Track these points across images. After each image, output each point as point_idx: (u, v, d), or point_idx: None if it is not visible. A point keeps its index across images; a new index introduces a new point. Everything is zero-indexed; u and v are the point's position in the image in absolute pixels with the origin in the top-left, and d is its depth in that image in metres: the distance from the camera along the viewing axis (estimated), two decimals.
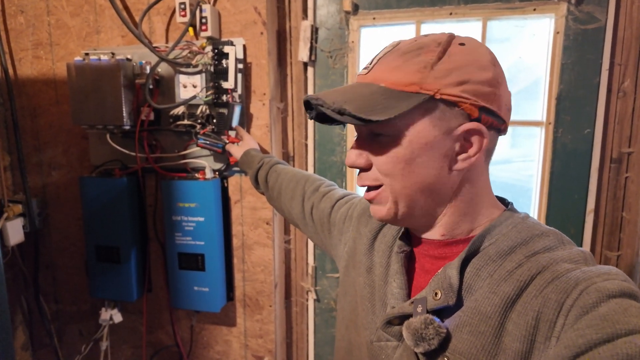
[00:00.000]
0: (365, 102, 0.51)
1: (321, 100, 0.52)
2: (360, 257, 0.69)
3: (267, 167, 1.08)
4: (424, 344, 0.50)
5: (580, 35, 1.08)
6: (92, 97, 1.24)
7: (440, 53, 0.51)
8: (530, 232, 0.52)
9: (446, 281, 0.52)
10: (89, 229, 1.34)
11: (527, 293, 0.47)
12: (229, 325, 1.39)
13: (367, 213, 0.74)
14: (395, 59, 0.53)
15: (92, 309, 1.51)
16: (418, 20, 1.17)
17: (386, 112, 0.50)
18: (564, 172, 1.14)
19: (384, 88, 0.52)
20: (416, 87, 0.50)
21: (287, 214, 1.02)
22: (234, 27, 1.22)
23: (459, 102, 0.50)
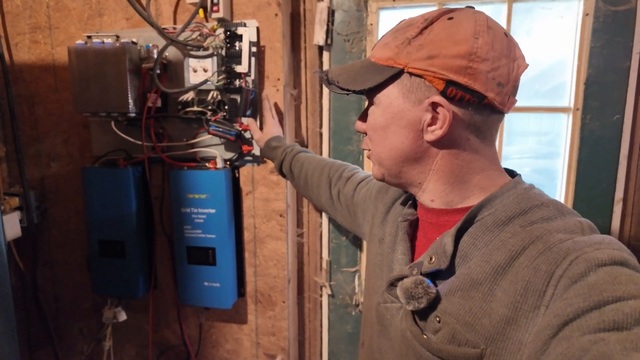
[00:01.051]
0: (353, 75, 0.58)
1: (324, 73, 0.61)
2: (375, 229, 0.74)
3: (289, 157, 1.07)
4: (413, 302, 0.54)
5: (610, 17, 1.04)
6: (95, 83, 1.17)
7: (421, 29, 0.54)
8: (530, 202, 0.53)
9: (441, 247, 0.55)
10: (92, 222, 1.27)
11: (519, 263, 0.48)
12: (239, 323, 1.33)
13: (383, 190, 0.78)
14: (389, 35, 0.57)
15: (94, 307, 1.44)
16: (440, 2, 1.12)
17: (363, 83, 0.56)
18: (592, 160, 1.11)
19: (371, 62, 0.58)
20: (391, 61, 0.55)
21: (316, 201, 1.05)
22: (247, 8, 1.16)
23: (423, 75, 0.53)
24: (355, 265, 1.30)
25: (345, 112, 1.23)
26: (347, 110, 1.23)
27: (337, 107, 1.24)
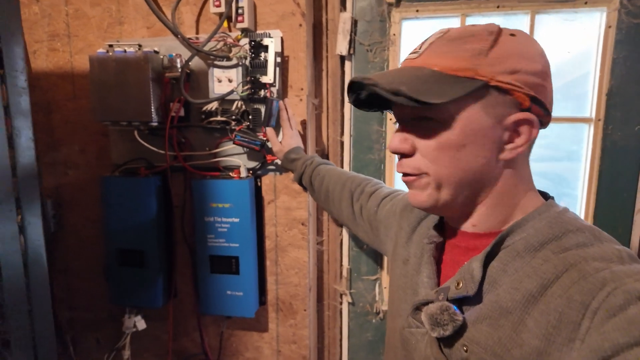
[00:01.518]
0: (420, 85, 0.50)
1: (374, 80, 0.52)
2: (399, 249, 0.71)
3: (309, 170, 1.07)
4: (438, 329, 0.52)
5: (633, 29, 1.06)
6: (116, 92, 1.16)
7: (492, 41, 0.51)
8: (564, 227, 0.51)
9: (469, 272, 0.53)
10: (111, 231, 1.26)
11: (552, 292, 0.46)
12: (260, 331, 1.33)
13: (408, 208, 0.76)
14: (445, 44, 0.53)
15: (110, 316, 1.43)
16: (463, 14, 1.13)
17: (442, 95, 0.49)
18: (613, 170, 1.12)
19: (436, 72, 0.51)
20: (471, 72, 0.50)
21: (337, 216, 1.03)
22: (270, 18, 1.16)
23: (512, 90, 0.50)
24: (376, 274, 1.31)
25: (367, 121, 1.24)
26: (368, 119, 1.24)
27: (359, 116, 1.24)
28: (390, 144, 0.57)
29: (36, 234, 0.69)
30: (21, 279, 0.66)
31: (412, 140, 0.55)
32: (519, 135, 0.52)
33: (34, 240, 0.68)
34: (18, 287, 0.66)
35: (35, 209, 0.68)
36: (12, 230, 0.64)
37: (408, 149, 0.55)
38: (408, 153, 0.56)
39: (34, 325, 0.69)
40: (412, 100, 0.49)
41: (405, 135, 0.56)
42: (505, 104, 0.51)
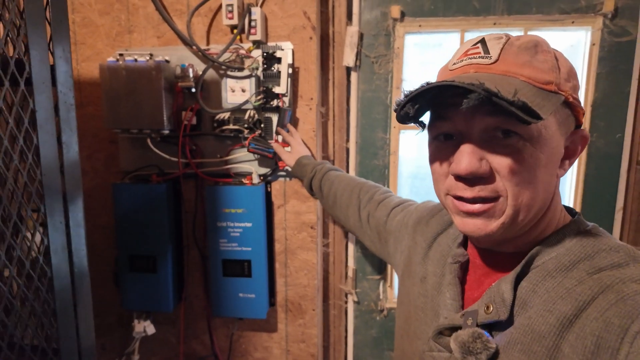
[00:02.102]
0: (525, 96, 0.44)
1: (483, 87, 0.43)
2: (415, 266, 0.67)
3: (319, 175, 1.09)
4: (471, 357, 0.48)
5: (615, 47, 1.17)
6: (127, 100, 1.19)
7: (554, 54, 0.50)
8: (597, 246, 0.48)
9: (499, 295, 0.50)
10: (123, 238, 1.28)
11: (587, 314, 0.44)
12: (269, 331, 1.37)
13: (423, 221, 0.72)
14: (520, 52, 0.48)
15: (118, 321, 1.44)
16: (462, 29, 1.22)
17: (542, 109, 0.43)
18: (597, 174, 1.23)
19: (526, 83, 0.47)
20: (554, 86, 0.47)
21: (344, 222, 1.04)
22: (282, 30, 1.21)
23: (577, 107, 0.50)
24: (381, 273, 1.38)
25: (372, 128, 1.31)
26: (373, 127, 1.31)
27: (364, 124, 1.31)
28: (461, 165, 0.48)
29: (81, 244, 0.71)
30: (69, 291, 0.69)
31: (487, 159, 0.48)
32: (575, 149, 0.52)
33: (80, 251, 0.71)
34: (67, 298, 0.69)
35: (79, 219, 0.71)
36: (62, 242, 0.67)
37: (487, 171, 0.48)
38: (486, 175, 0.48)
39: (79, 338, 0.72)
40: (528, 113, 0.43)
41: (480, 152, 0.48)
42: (570, 120, 0.50)
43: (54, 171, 0.64)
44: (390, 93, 1.27)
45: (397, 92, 1.27)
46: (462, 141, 0.49)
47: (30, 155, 0.62)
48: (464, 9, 1.20)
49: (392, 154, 1.30)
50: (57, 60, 0.63)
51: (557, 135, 0.49)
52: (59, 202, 0.65)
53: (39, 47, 0.61)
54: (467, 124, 0.49)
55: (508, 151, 0.47)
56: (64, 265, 0.67)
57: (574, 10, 1.16)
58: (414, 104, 0.50)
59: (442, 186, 0.53)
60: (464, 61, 0.51)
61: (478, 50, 0.50)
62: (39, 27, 0.62)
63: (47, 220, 0.63)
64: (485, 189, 0.48)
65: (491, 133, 0.48)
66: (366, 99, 1.29)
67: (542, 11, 1.17)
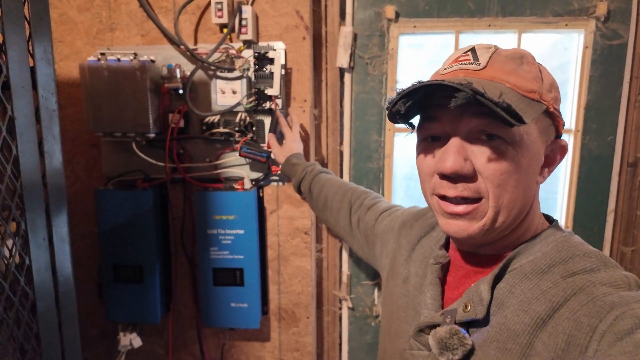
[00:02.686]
0: (510, 100, 0.46)
1: (467, 86, 0.45)
2: (398, 268, 0.69)
3: (310, 177, 1.06)
4: (447, 353, 0.50)
5: (606, 50, 1.17)
6: (110, 102, 1.12)
7: (539, 66, 0.53)
8: (571, 251, 0.51)
9: (477, 295, 0.52)
10: (106, 247, 1.21)
11: (560, 314, 0.46)
12: (262, 341, 1.33)
13: (407, 225, 0.74)
14: (507, 61, 0.51)
15: (102, 334, 1.37)
16: (457, 31, 1.20)
17: (525, 115, 0.46)
18: (590, 176, 1.24)
19: (511, 90, 0.49)
20: (537, 95, 0.50)
21: (333, 225, 1.02)
22: (273, 30, 1.17)
23: (558, 117, 0.52)
24: (375, 279, 1.35)
25: (366, 131, 1.28)
26: (367, 129, 1.28)
27: (358, 126, 1.28)
28: (446, 164, 0.50)
29: (65, 261, 0.66)
30: (53, 313, 0.64)
31: (471, 160, 0.50)
32: (554, 158, 0.55)
33: (65, 269, 0.66)
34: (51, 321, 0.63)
35: (64, 234, 0.66)
36: (45, 260, 0.62)
37: (471, 171, 0.50)
38: (470, 175, 0.50)
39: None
40: (512, 116, 0.45)
41: (464, 152, 0.50)
42: (550, 130, 0.53)
43: (35, 183, 0.58)
44: (385, 95, 1.25)
45: (391, 93, 1.24)
46: (448, 141, 0.52)
47: (9, 167, 0.56)
48: (458, 10, 1.19)
49: (386, 157, 1.28)
50: (37, 61, 0.57)
51: (538, 143, 0.51)
52: (41, 217, 0.60)
53: (17, 47, 0.55)
54: (454, 125, 0.51)
55: (491, 153, 0.49)
56: (47, 285, 0.62)
57: (567, 13, 1.16)
58: (406, 102, 0.51)
59: (428, 185, 0.55)
60: (454, 67, 0.53)
61: (468, 57, 0.53)
62: (16, 25, 0.56)
63: (29, 237, 0.58)
64: (468, 189, 0.50)
65: (476, 135, 0.50)
66: (360, 100, 1.26)
67: (535, 13, 1.17)
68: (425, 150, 0.55)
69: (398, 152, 1.29)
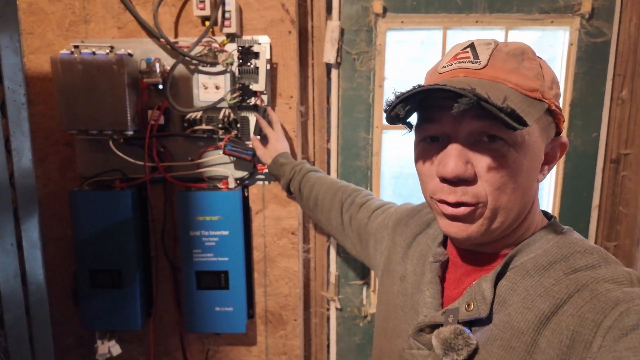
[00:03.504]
0: (512, 102, 0.45)
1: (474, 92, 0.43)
2: (394, 266, 0.69)
3: (299, 177, 1.04)
4: (452, 354, 0.50)
5: (591, 48, 1.18)
6: (85, 98, 1.06)
7: (539, 62, 0.51)
8: (572, 248, 0.51)
9: (480, 293, 0.51)
10: (82, 251, 1.14)
11: (564, 311, 0.46)
12: (248, 345, 1.29)
13: (402, 222, 0.73)
14: (508, 58, 0.49)
15: (78, 342, 1.30)
16: (445, 27, 1.19)
17: (528, 116, 0.45)
18: (575, 172, 1.25)
19: (513, 90, 0.48)
20: (538, 94, 0.48)
21: (325, 224, 1.01)
22: (258, 23, 1.13)
23: (559, 114, 0.51)
24: (364, 278, 1.33)
25: (354, 129, 1.26)
26: (355, 126, 1.25)
27: (346, 123, 1.25)
28: (447, 168, 0.49)
29: (37, 268, 0.61)
30: (23, 324, 0.59)
31: (471, 163, 0.49)
32: (554, 155, 0.54)
33: (36, 276, 0.60)
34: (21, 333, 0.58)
35: (34, 239, 0.61)
36: (14, 267, 0.56)
37: (472, 174, 0.49)
38: (471, 178, 0.49)
39: None
40: (515, 119, 0.44)
41: (466, 156, 0.49)
42: (551, 127, 0.52)
43: (2, 184, 0.53)
44: (373, 91, 1.22)
45: (379, 90, 1.22)
46: (449, 143, 0.50)
47: None
48: (446, 6, 1.17)
49: (374, 154, 1.25)
50: (3, 50, 0.52)
51: (539, 142, 0.50)
52: (9, 221, 0.55)
53: None
54: (454, 127, 0.50)
55: (492, 155, 0.48)
56: (16, 295, 0.56)
57: (553, 10, 1.16)
58: (405, 106, 0.50)
59: (428, 187, 0.54)
60: (453, 65, 0.52)
61: (467, 54, 0.51)
62: None
63: None
64: (467, 194, 0.49)
65: (477, 137, 0.49)
66: (347, 97, 1.24)
67: (522, 10, 1.17)
68: (424, 151, 0.54)
69: (386, 149, 1.27)
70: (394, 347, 0.62)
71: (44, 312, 0.60)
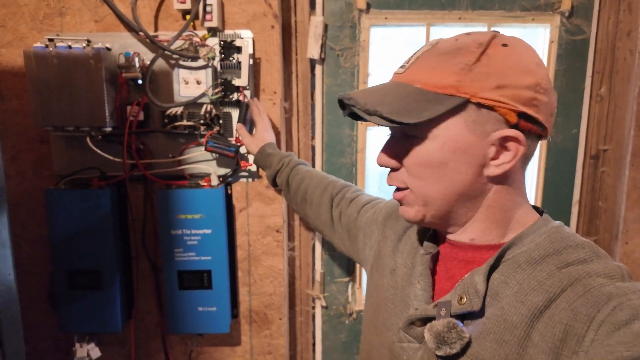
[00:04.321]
0: (399, 104, 0.51)
1: (354, 100, 0.53)
2: (384, 259, 0.69)
3: (287, 169, 1.02)
4: (445, 347, 0.50)
5: (571, 45, 1.20)
6: (60, 93, 1.03)
7: (479, 54, 0.49)
8: (564, 242, 0.51)
9: (472, 286, 0.51)
10: (60, 252, 1.11)
11: (557, 305, 0.46)
12: (232, 345, 1.27)
13: (392, 216, 0.74)
14: (433, 59, 0.52)
15: (54, 346, 1.26)
16: (428, 23, 1.19)
17: (419, 114, 0.50)
18: (556, 168, 1.27)
19: (419, 89, 0.51)
20: (452, 89, 0.49)
21: (313, 219, 1.00)
22: (240, 18, 1.11)
23: (495, 106, 0.49)
24: (350, 275, 1.33)
25: (339, 125, 1.25)
26: (340, 123, 1.25)
27: (330, 120, 1.25)
28: (378, 159, 0.58)
29: (7, 268, 0.58)
30: None
31: (399, 154, 0.56)
32: (507, 151, 0.51)
33: (5, 277, 0.58)
34: None
35: (4, 238, 0.58)
36: None
37: (393, 164, 0.56)
38: (393, 167, 0.57)
39: None
40: (386, 120, 0.50)
41: (393, 149, 0.56)
42: (490, 121, 0.50)
43: None
44: (357, 88, 1.22)
45: (363, 87, 1.22)
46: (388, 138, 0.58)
47: None
48: (429, 2, 1.17)
49: (359, 151, 1.25)
50: None
51: (465, 136, 0.51)
52: None
53: None
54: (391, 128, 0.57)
55: (407, 148, 0.54)
56: None
57: (534, 8, 1.18)
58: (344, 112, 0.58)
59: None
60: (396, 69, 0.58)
61: (407, 59, 0.57)
62: None
63: None
64: (395, 179, 0.58)
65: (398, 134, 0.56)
66: (332, 94, 1.23)
67: (504, 7, 1.18)
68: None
69: (371, 146, 1.26)
70: (384, 341, 0.61)
71: (15, 314, 0.57)
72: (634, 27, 1.14)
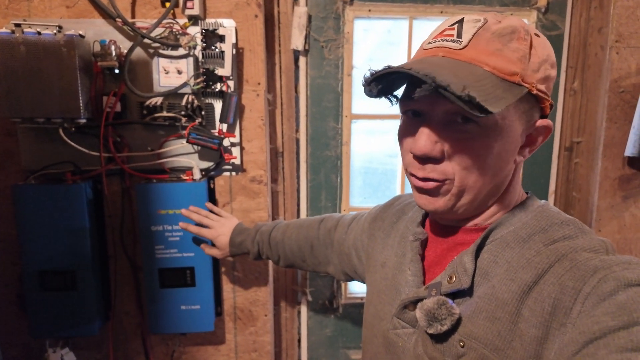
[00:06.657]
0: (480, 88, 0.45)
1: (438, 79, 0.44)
2: (375, 256, 0.70)
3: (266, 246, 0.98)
4: (436, 324, 0.50)
5: None
6: (29, 83, 0.97)
7: (530, 42, 0.49)
8: (550, 220, 0.52)
9: (461, 266, 0.52)
10: (30, 251, 1.04)
11: (545, 280, 0.47)
12: (216, 344, 1.23)
13: (378, 218, 0.75)
14: (493, 39, 0.48)
15: (25, 353, 1.18)
16: (411, 16, 1.20)
17: (498, 102, 0.45)
18: (533, 160, 1.31)
19: (489, 74, 0.47)
20: (518, 77, 0.48)
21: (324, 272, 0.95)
22: (222, 6, 1.07)
23: (544, 99, 0.50)
24: None
25: (323, 118, 1.24)
26: (324, 116, 1.24)
27: (315, 112, 1.23)
28: (417, 146, 0.50)
29: None
30: None
31: (442, 143, 0.50)
32: (536, 138, 0.53)
33: None
34: None
35: None
36: None
37: (439, 154, 0.50)
38: (439, 157, 0.51)
39: None
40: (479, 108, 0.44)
41: (435, 136, 0.50)
42: (534, 110, 0.51)
43: None
44: (342, 80, 1.21)
45: (348, 79, 1.21)
46: (424, 122, 0.51)
47: None
48: None
49: (344, 144, 1.24)
50: None
51: (517, 125, 0.50)
52: None
53: None
54: (431, 106, 0.51)
55: (462, 137, 0.50)
56: None
57: (512, 3, 1.21)
58: (377, 84, 0.51)
59: (404, 161, 0.56)
60: (436, 42, 0.52)
61: (452, 32, 0.51)
62: None
63: None
64: (435, 171, 0.52)
65: (451, 117, 0.50)
66: (316, 85, 1.21)
67: (484, 2, 1.20)
68: (405, 125, 0.55)
69: (356, 139, 1.26)
70: (377, 331, 0.61)
71: None
72: (604, 24, 1.19)
